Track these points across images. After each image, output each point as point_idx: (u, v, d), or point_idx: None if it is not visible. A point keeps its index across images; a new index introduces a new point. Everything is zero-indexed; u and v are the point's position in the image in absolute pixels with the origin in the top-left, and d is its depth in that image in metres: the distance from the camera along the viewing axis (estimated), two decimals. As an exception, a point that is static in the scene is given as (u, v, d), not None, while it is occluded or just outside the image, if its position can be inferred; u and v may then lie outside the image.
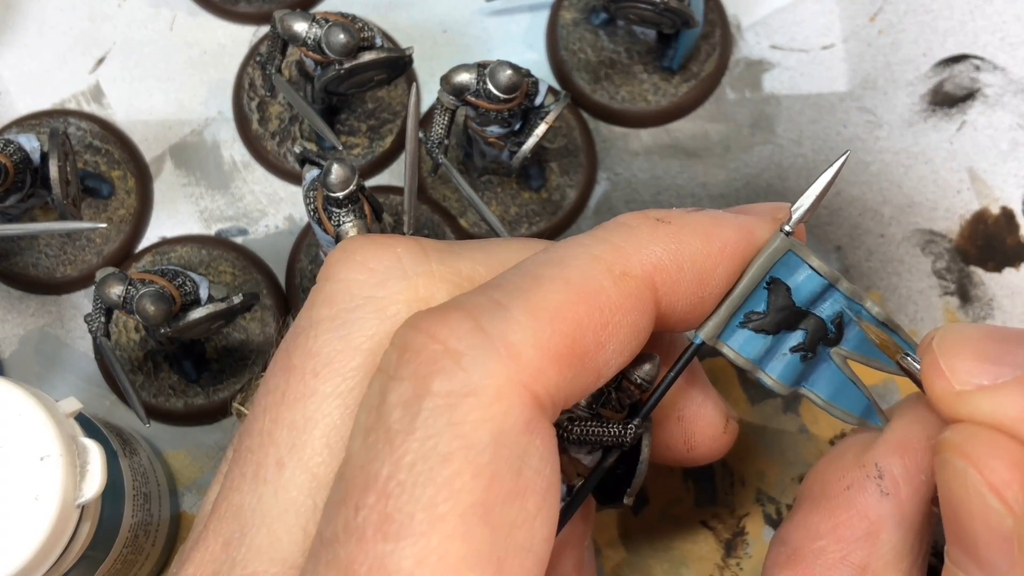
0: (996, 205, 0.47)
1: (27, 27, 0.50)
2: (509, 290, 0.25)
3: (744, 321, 0.28)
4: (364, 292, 0.28)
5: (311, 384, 0.27)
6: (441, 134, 0.42)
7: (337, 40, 0.41)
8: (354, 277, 0.28)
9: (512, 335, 0.24)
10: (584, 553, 0.30)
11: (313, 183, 0.39)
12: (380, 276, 0.28)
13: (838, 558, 0.29)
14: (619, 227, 0.27)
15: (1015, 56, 0.49)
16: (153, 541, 0.40)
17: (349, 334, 0.27)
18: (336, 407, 0.27)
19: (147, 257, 0.47)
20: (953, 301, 0.46)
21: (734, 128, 0.49)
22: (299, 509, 0.26)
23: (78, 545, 0.34)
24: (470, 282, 0.28)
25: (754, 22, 0.50)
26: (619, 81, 0.49)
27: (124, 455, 0.38)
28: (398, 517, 0.23)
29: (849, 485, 0.29)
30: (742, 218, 0.28)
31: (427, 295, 0.28)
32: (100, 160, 0.48)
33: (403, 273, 0.28)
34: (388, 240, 0.29)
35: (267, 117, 0.49)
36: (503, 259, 0.29)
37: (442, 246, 0.29)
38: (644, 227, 0.27)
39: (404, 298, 0.27)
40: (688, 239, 0.27)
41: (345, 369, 0.27)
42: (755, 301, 0.28)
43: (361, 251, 0.29)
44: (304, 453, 0.26)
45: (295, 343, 0.28)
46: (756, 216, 0.29)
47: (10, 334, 0.46)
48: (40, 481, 0.32)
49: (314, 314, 0.28)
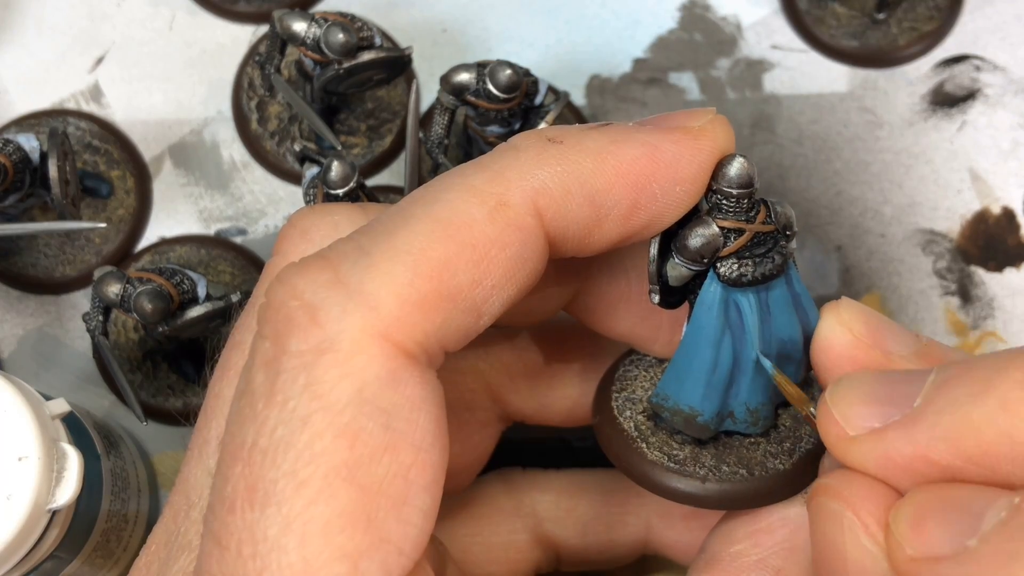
0: (997, 205, 0.47)
1: (26, 26, 0.50)
2: (375, 234, 0.24)
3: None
4: None
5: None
6: (441, 134, 0.42)
7: (336, 40, 0.41)
8: (293, 248, 0.28)
9: (370, 283, 0.23)
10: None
11: (313, 181, 0.38)
12: (316, 244, 0.28)
13: (754, 561, 0.28)
14: (506, 151, 0.26)
15: (1015, 56, 0.49)
16: (125, 546, 0.40)
17: None
18: None
19: (146, 257, 0.46)
20: (954, 301, 0.46)
21: (734, 128, 0.48)
22: None
23: (44, 548, 0.34)
24: None
25: (754, 22, 0.50)
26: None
27: (108, 458, 0.38)
28: (262, 485, 0.23)
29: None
30: (646, 134, 0.26)
31: None
32: (99, 160, 0.48)
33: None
34: (329, 208, 0.29)
35: (266, 117, 0.48)
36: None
37: (385, 207, 0.28)
38: (532, 149, 0.26)
39: None
40: (578, 159, 0.25)
41: None
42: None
43: (302, 221, 0.29)
44: None
45: (241, 319, 0.28)
46: (663, 131, 0.26)
47: (9, 334, 0.46)
48: (15, 481, 0.32)
49: (257, 289, 0.28)
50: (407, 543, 0.23)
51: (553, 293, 0.30)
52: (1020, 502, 0.21)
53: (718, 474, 0.28)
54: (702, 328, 0.27)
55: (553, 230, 0.25)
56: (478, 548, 0.35)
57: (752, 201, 0.27)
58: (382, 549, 0.23)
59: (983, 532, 0.21)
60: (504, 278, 0.25)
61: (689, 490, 0.28)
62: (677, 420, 0.29)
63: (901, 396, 0.24)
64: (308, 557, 0.22)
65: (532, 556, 0.35)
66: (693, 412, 0.28)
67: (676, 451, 0.29)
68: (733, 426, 0.29)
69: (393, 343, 0.23)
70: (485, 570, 0.34)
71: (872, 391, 0.24)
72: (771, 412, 0.29)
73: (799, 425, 0.29)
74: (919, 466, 0.23)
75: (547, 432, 0.36)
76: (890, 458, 0.23)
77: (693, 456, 0.29)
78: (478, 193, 0.25)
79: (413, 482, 0.23)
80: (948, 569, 0.22)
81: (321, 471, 0.22)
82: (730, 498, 0.28)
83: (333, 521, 0.22)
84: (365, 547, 0.23)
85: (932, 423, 0.23)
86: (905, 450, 0.23)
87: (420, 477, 0.23)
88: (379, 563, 0.23)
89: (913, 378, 0.24)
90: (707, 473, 0.28)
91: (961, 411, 0.22)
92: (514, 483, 0.36)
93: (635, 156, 0.26)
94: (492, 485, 0.36)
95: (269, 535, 0.22)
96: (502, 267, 0.25)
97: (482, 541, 0.35)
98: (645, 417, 0.30)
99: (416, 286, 0.23)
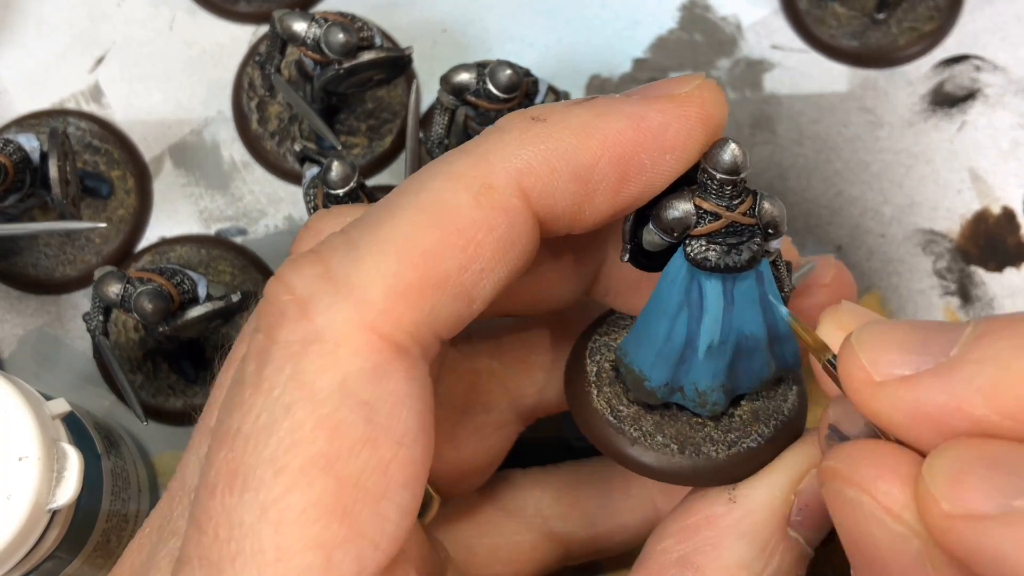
0: (997, 205, 0.47)
1: (26, 26, 0.50)
2: (363, 227, 0.25)
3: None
4: None
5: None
6: (441, 134, 0.42)
7: (336, 40, 0.41)
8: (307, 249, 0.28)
9: (357, 276, 0.23)
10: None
11: (313, 181, 0.39)
12: None
13: (677, 557, 0.28)
14: (491, 133, 0.26)
15: (1015, 56, 0.49)
16: (125, 546, 0.40)
17: None
18: None
19: (146, 257, 0.46)
20: (954, 301, 0.46)
21: (734, 128, 0.48)
22: None
23: (44, 548, 0.34)
24: None
25: (754, 22, 0.50)
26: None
27: (108, 458, 0.38)
28: (242, 471, 0.23)
29: (703, 492, 0.29)
30: (631, 106, 0.26)
31: None
32: (99, 160, 0.48)
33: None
34: (343, 209, 0.29)
35: (266, 117, 0.48)
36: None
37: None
38: (516, 130, 0.25)
39: None
40: (562, 136, 0.25)
41: None
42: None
43: (317, 223, 0.29)
44: None
45: (251, 315, 0.28)
46: (648, 100, 0.26)
47: (9, 334, 0.46)
48: (15, 481, 0.32)
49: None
50: (383, 538, 0.23)
51: (572, 276, 0.30)
52: None
53: (649, 441, 0.29)
54: (662, 299, 0.27)
55: (541, 209, 0.25)
56: (483, 550, 0.35)
57: (738, 189, 0.27)
58: (357, 542, 0.23)
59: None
60: (493, 261, 0.25)
61: (617, 446, 0.29)
62: (629, 379, 0.29)
63: (936, 345, 0.23)
64: (281, 544, 0.22)
65: (539, 555, 0.35)
66: (642, 375, 0.28)
67: (622, 407, 0.29)
68: (682, 401, 0.29)
69: (380, 335, 0.23)
70: (492, 570, 0.34)
71: (905, 338, 0.23)
72: (722, 399, 0.29)
73: (755, 423, 0.29)
74: (951, 419, 0.22)
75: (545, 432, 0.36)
76: (920, 408, 0.22)
77: (635, 416, 0.29)
78: (462, 178, 0.25)
79: (392, 477, 0.23)
80: (990, 529, 0.20)
81: (299, 460, 0.23)
82: (650, 468, 0.28)
83: (309, 510, 0.22)
84: (340, 539, 0.23)
85: (970, 373, 0.22)
86: (938, 399, 0.22)
87: (399, 473, 0.23)
88: (353, 556, 0.23)
89: (949, 328, 0.23)
90: (640, 437, 0.29)
91: (1002, 362, 0.21)
92: (515, 484, 0.36)
93: (620, 128, 0.25)
94: (494, 487, 0.36)
95: (245, 520, 0.23)
96: (490, 250, 0.24)
97: (487, 543, 0.35)
98: (611, 366, 0.30)
99: (402, 275, 0.24)
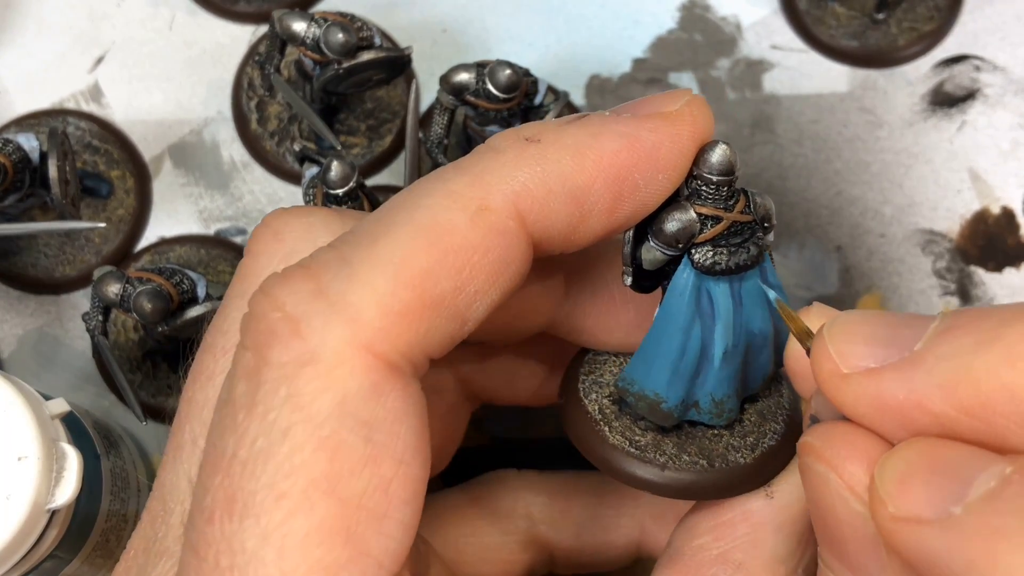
0: (997, 205, 0.47)
1: (26, 26, 0.50)
2: (357, 242, 0.24)
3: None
4: (272, 264, 0.27)
5: (220, 362, 0.27)
6: (441, 134, 0.42)
7: (336, 39, 0.41)
8: (265, 248, 0.28)
9: (352, 294, 0.23)
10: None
11: (313, 181, 0.38)
12: (289, 247, 0.27)
13: (716, 555, 0.27)
14: (485, 153, 0.25)
15: (1015, 56, 0.49)
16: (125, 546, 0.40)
17: None
18: None
19: (146, 257, 0.46)
20: (954, 301, 0.46)
21: (734, 128, 0.48)
22: None
23: (43, 548, 0.34)
24: None
25: (754, 22, 0.50)
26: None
27: (107, 458, 0.38)
28: (241, 496, 0.22)
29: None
30: (623, 125, 0.26)
31: None
32: (99, 160, 0.48)
33: (312, 243, 0.26)
34: (304, 210, 0.28)
35: (266, 117, 0.48)
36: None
37: (362, 215, 0.28)
38: (511, 151, 0.25)
39: None
40: (557, 157, 0.25)
41: None
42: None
43: (275, 222, 0.28)
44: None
45: (214, 322, 0.28)
46: (640, 119, 0.26)
47: (9, 334, 0.46)
48: (14, 481, 0.32)
49: (230, 290, 0.28)
50: (387, 557, 0.23)
51: (536, 308, 0.30)
52: (1012, 473, 0.20)
53: (678, 463, 0.28)
54: (672, 314, 0.27)
55: (536, 231, 0.25)
56: (472, 549, 0.35)
57: (732, 189, 0.27)
58: (362, 563, 0.23)
59: (969, 501, 0.20)
60: (487, 283, 0.24)
61: (647, 477, 0.28)
62: (641, 406, 0.29)
63: (902, 339, 0.23)
64: (286, 570, 0.22)
65: (525, 558, 0.35)
66: (658, 398, 0.28)
67: (638, 437, 0.29)
68: (697, 416, 0.29)
69: (375, 354, 0.23)
70: (478, 570, 0.34)
71: (872, 331, 0.23)
72: (736, 405, 0.29)
73: (764, 421, 0.29)
74: (911, 413, 0.22)
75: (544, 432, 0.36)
76: (882, 400, 0.22)
77: (655, 443, 0.29)
78: (459, 198, 0.24)
79: (394, 495, 0.23)
80: (928, 535, 0.20)
81: (300, 484, 0.22)
82: (688, 488, 0.28)
83: (312, 534, 0.22)
84: (344, 560, 0.22)
85: (930, 368, 0.22)
86: (898, 393, 0.22)
87: (401, 490, 0.23)
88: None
89: (916, 322, 0.23)
90: (667, 461, 0.28)
91: (962, 359, 0.21)
92: (508, 484, 0.36)
93: (615, 149, 0.25)
94: (486, 486, 0.36)
95: (247, 547, 0.22)
96: (485, 272, 0.24)
97: (476, 542, 0.35)
98: (610, 401, 0.30)
99: (398, 296, 0.23)
